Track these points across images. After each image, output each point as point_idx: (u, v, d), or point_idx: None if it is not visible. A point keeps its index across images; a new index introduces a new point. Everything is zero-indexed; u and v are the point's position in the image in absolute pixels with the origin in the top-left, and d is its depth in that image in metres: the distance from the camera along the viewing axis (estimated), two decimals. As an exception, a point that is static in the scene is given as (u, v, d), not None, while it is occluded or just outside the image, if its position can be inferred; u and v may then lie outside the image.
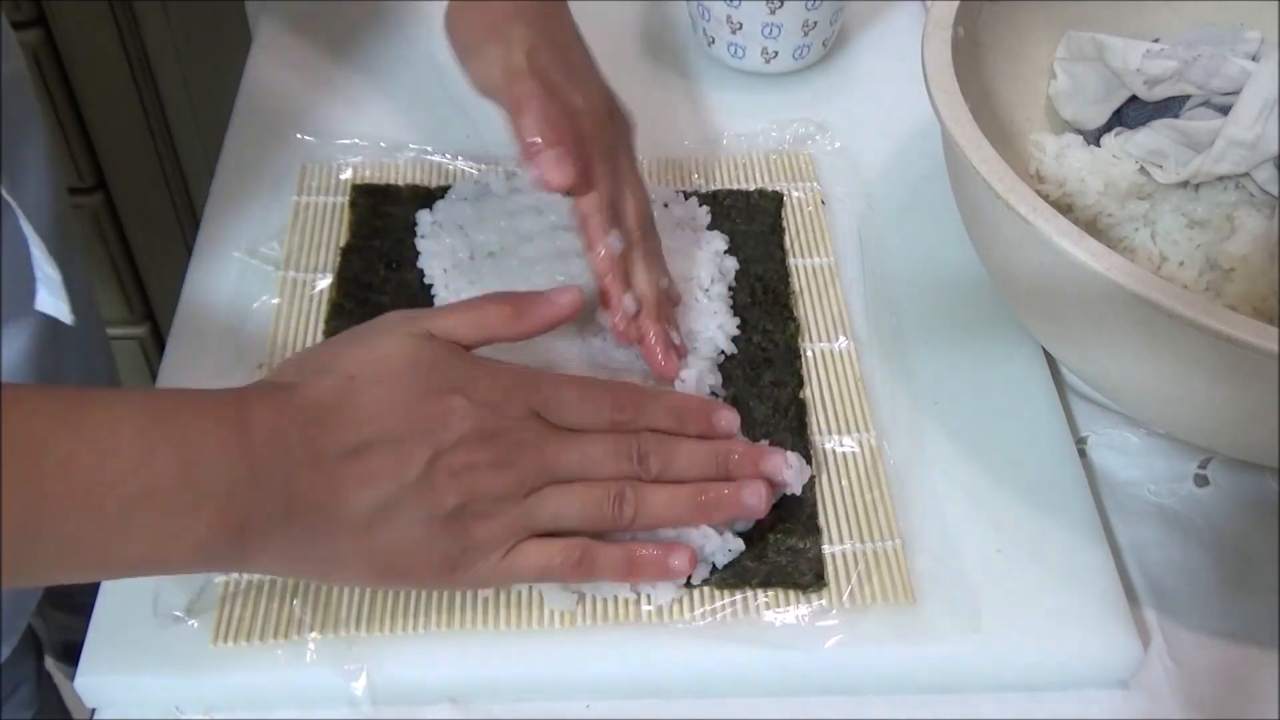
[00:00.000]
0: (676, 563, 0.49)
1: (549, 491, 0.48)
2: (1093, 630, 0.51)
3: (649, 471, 0.50)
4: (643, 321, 0.55)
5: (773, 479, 0.51)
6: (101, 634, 0.50)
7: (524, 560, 0.48)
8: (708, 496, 0.50)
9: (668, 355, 0.55)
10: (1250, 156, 0.58)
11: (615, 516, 0.49)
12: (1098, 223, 0.61)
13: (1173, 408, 0.52)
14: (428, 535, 0.46)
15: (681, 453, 0.51)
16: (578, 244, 0.62)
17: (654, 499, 0.49)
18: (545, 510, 0.48)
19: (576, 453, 0.49)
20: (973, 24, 0.59)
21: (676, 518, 0.50)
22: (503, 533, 0.47)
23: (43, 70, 1.07)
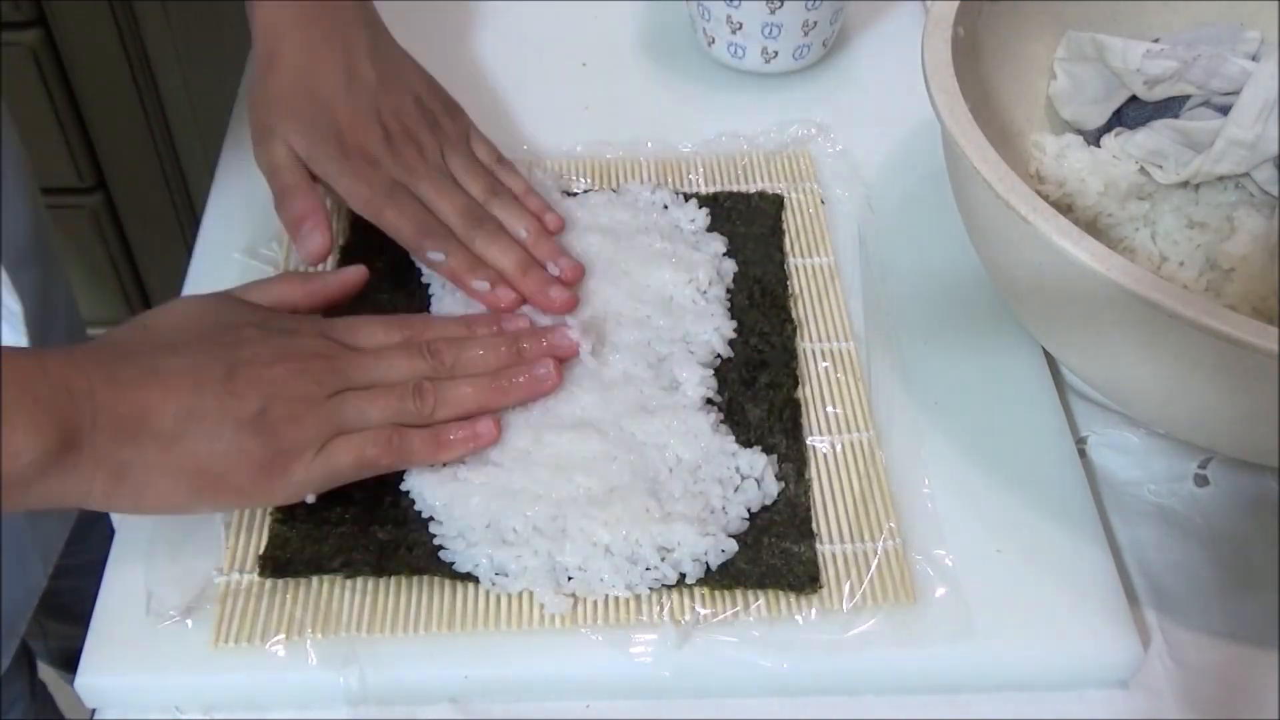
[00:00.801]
0: (482, 429, 0.53)
1: (349, 394, 0.51)
2: (1093, 630, 0.51)
3: (443, 364, 0.54)
4: (504, 290, 0.59)
5: (560, 353, 0.56)
6: (101, 635, 0.50)
7: (337, 455, 0.50)
8: (503, 376, 0.54)
9: (546, 299, 0.59)
10: (1250, 156, 0.58)
11: (418, 407, 0.52)
12: (1098, 223, 0.61)
13: (1173, 408, 0.52)
14: (235, 437, 0.48)
15: (472, 347, 0.55)
16: (571, 242, 0.63)
17: (455, 389, 0.53)
18: (349, 409, 0.51)
19: (371, 358, 0.53)
20: (973, 24, 0.59)
21: (478, 403, 0.53)
22: (311, 431, 0.50)
23: (43, 70, 1.07)
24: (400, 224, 0.59)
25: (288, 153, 0.59)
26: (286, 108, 0.60)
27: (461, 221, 0.60)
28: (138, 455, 0.46)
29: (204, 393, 0.48)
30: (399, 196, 0.60)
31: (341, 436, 0.50)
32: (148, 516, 0.53)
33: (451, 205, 0.60)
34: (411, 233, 0.59)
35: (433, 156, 0.62)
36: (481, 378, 0.54)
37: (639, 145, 0.71)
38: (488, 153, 0.64)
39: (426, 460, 0.52)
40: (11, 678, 0.73)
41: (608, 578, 0.50)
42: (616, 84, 0.77)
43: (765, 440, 0.55)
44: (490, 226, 0.61)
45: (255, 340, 0.51)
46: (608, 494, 0.52)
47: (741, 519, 0.52)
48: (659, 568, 0.50)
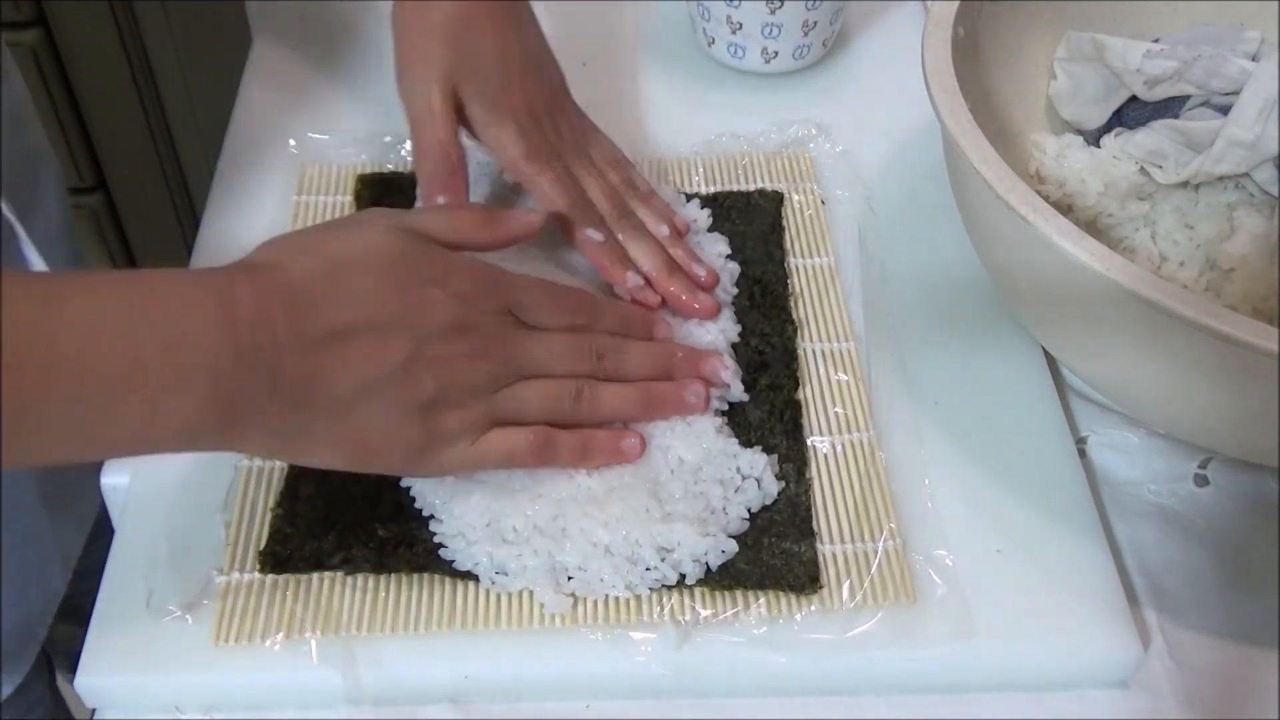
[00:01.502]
0: (627, 446, 0.53)
1: (517, 385, 0.51)
2: (1093, 630, 0.51)
3: (605, 369, 0.54)
4: (650, 290, 0.59)
5: (711, 379, 0.56)
6: (101, 634, 0.50)
7: (490, 447, 0.50)
8: (654, 393, 0.54)
9: (692, 303, 0.59)
10: (1250, 156, 0.58)
11: (574, 410, 0.52)
12: (1098, 223, 0.61)
13: (1173, 408, 0.52)
14: (403, 421, 0.48)
15: (632, 353, 0.55)
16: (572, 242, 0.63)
17: (607, 395, 0.53)
18: (511, 402, 0.51)
19: (543, 349, 0.52)
20: (973, 24, 0.59)
21: (626, 413, 0.54)
22: (472, 422, 0.50)
23: (43, 70, 1.07)
24: (557, 193, 0.58)
25: (443, 95, 0.57)
26: (451, 48, 0.58)
27: (611, 207, 0.60)
28: (307, 422, 0.46)
29: (384, 369, 0.47)
30: (556, 165, 0.59)
31: (497, 429, 0.50)
32: (148, 513, 0.53)
33: (601, 188, 0.60)
34: (568, 205, 0.58)
35: (576, 139, 0.61)
36: (634, 387, 0.54)
37: (640, 146, 0.71)
38: (612, 150, 0.64)
39: (570, 466, 0.52)
40: (31, 684, 0.73)
41: (608, 578, 0.50)
42: (616, 84, 0.77)
43: (766, 441, 0.55)
44: (634, 220, 0.61)
45: (439, 309, 0.49)
46: (608, 494, 0.52)
47: (742, 519, 0.52)
48: (659, 568, 0.50)
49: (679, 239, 0.61)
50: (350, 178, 0.68)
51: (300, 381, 0.45)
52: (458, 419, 0.49)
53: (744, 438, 0.55)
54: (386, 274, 0.48)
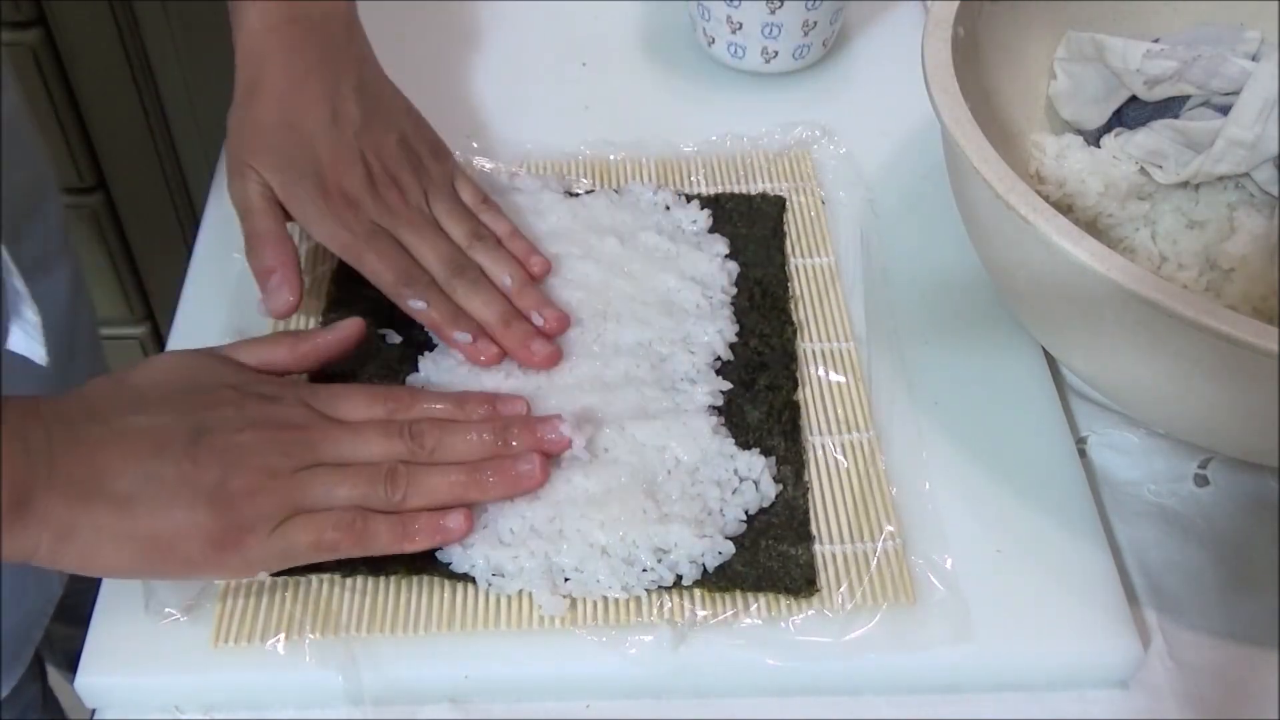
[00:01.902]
0: (451, 522, 0.50)
1: (319, 470, 0.49)
2: (1093, 630, 0.51)
3: (423, 448, 0.50)
4: (486, 342, 0.57)
5: (548, 448, 0.52)
6: (101, 634, 0.50)
7: (295, 534, 0.48)
8: (482, 470, 0.51)
9: (527, 353, 0.57)
10: (1250, 156, 0.58)
11: (388, 493, 0.49)
12: (1098, 223, 0.61)
13: (1173, 408, 0.52)
14: (190, 509, 0.46)
15: (455, 433, 0.51)
16: (573, 243, 0.63)
17: (429, 478, 0.50)
18: (315, 487, 0.48)
19: (347, 434, 0.50)
20: (973, 24, 0.59)
21: (452, 495, 0.50)
22: (270, 506, 0.47)
23: (43, 70, 1.07)
24: (380, 270, 0.57)
25: (262, 191, 0.57)
26: (265, 142, 0.58)
27: (443, 269, 0.58)
28: (88, 518, 0.45)
29: (164, 457, 0.46)
30: (380, 241, 0.58)
31: (303, 515, 0.48)
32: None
33: (434, 252, 0.58)
34: (392, 281, 0.57)
35: (415, 199, 0.60)
36: (459, 467, 0.51)
37: (641, 146, 0.71)
38: (472, 195, 0.62)
39: (390, 550, 0.49)
40: (25, 684, 0.73)
41: (604, 579, 0.50)
42: (617, 84, 0.77)
43: (764, 442, 0.55)
44: (471, 275, 0.59)
45: (228, 403, 0.48)
46: (605, 494, 0.52)
47: (739, 521, 0.52)
48: (655, 569, 0.50)
49: (528, 284, 0.59)
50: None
51: (77, 476, 0.45)
52: (253, 505, 0.47)
53: (742, 439, 0.55)
54: (174, 380, 0.49)
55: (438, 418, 0.52)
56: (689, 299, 0.60)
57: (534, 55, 0.78)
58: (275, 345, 0.54)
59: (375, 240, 0.58)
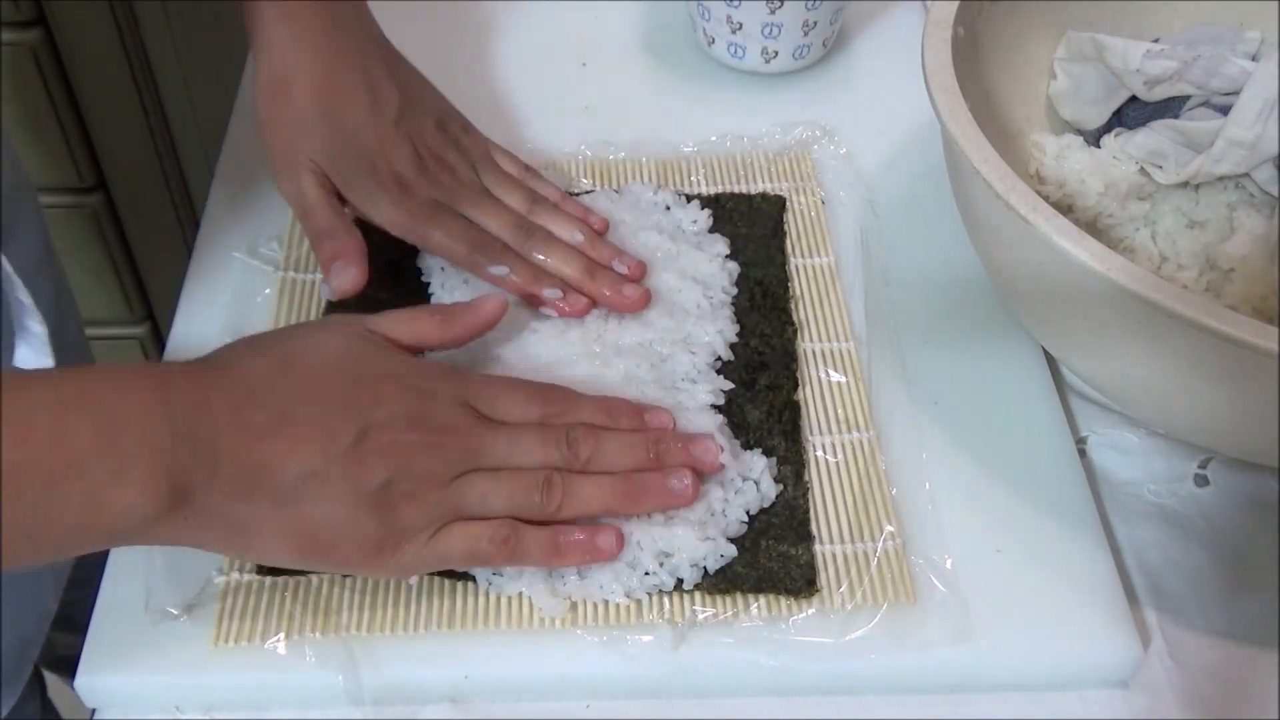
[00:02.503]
0: (603, 542, 0.50)
1: (476, 476, 0.48)
2: (1093, 630, 0.51)
3: (578, 458, 0.50)
4: (576, 296, 0.59)
5: (701, 466, 0.52)
6: (101, 634, 0.50)
7: (450, 543, 0.48)
8: (635, 483, 0.50)
9: (620, 298, 0.59)
10: (1250, 157, 0.58)
11: (543, 503, 0.49)
12: (1098, 223, 0.61)
13: (1173, 408, 0.52)
14: (353, 511, 0.46)
15: (611, 442, 0.51)
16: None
17: (582, 487, 0.50)
18: (472, 494, 0.48)
19: (505, 439, 0.50)
20: (973, 24, 0.59)
21: (605, 506, 0.50)
22: (430, 514, 0.47)
23: (43, 70, 1.07)
24: (450, 244, 0.58)
25: (318, 183, 0.58)
26: (313, 134, 0.58)
27: (514, 234, 0.59)
28: (252, 511, 0.44)
29: (331, 455, 0.45)
30: (443, 217, 0.58)
31: (459, 523, 0.48)
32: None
33: (499, 221, 0.59)
34: (466, 252, 0.58)
35: (466, 175, 0.61)
36: (613, 478, 0.50)
37: (641, 146, 0.71)
38: (514, 165, 0.64)
39: (542, 564, 0.50)
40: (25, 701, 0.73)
41: (606, 584, 0.50)
42: (617, 84, 0.77)
43: (764, 442, 0.55)
44: (542, 235, 0.60)
45: (392, 399, 0.48)
46: (607, 494, 0.52)
47: (740, 522, 0.52)
48: (657, 573, 0.50)
49: (597, 238, 0.61)
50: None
51: (243, 468, 0.44)
52: (414, 512, 0.47)
53: (742, 439, 0.55)
54: (337, 368, 0.48)
55: (591, 424, 0.52)
56: (689, 299, 0.60)
57: (534, 55, 0.78)
58: (425, 322, 0.53)
59: (438, 217, 0.58)
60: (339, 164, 0.58)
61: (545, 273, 0.59)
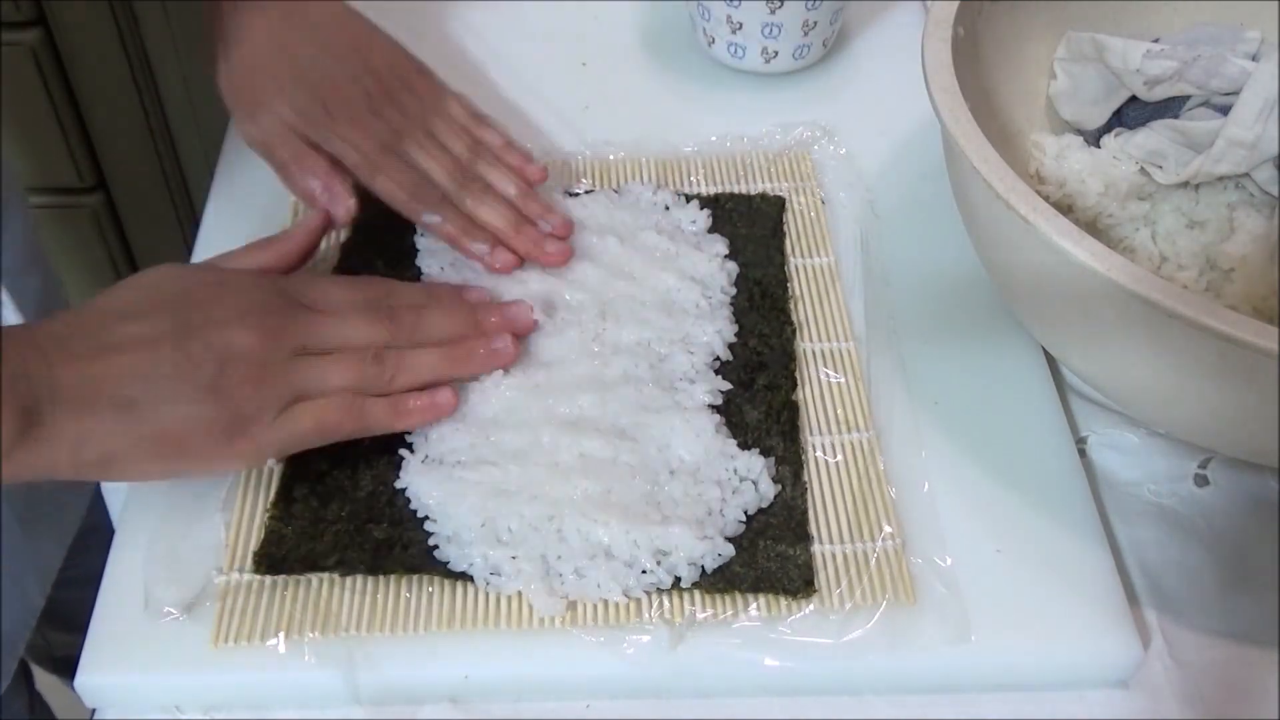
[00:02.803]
0: (442, 398, 0.53)
1: (309, 358, 0.51)
2: (1093, 630, 0.51)
3: (402, 330, 0.53)
4: (503, 251, 0.60)
5: (517, 328, 0.56)
6: (101, 634, 0.50)
7: (298, 420, 0.50)
8: (461, 348, 0.54)
9: (541, 253, 0.60)
10: (1250, 157, 0.58)
11: (376, 374, 0.52)
12: (1098, 223, 0.61)
13: (1173, 408, 0.52)
14: (193, 404, 0.48)
15: (433, 314, 0.55)
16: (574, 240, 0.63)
17: (412, 357, 0.53)
18: (310, 373, 0.51)
19: (332, 320, 0.53)
20: (973, 24, 0.59)
21: (435, 373, 0.54)
22: (268, 395, 0.50)
23: (43, 70, 1.07)
24: (393, 189, 0.60)
25: (278, 123, 0.59)
26: (266, 78, 0.60)
27: (451, 182, 0.61)
28: (97, 424, 0.47)
29: (159, 358, 0.48)
30: (388, 159, 0.60)
31: (303, 401, 0.50)
32: (147, 513, 0.53)
33: (440, 165, 0.61)
34: (406, 198, 0.60)
35: (415, 116, 0.62)
36: (439, 348, 0.54)
37: (640, 146, 0.71)
38: (462, 110, 0.65)
39: (387, 428, 0.53)
40: (11, 696, 0.73)
41: (604, 583, 0.50)
42: (617, 84, 0.77)
43: (763, 442, 0.55)
44: (478, 186, 0.61)
45: (212, 300, 0.50)
46: (605, 495, 0.52)
47: (738, 522, 0.52)
48: (654, 571, 0.50)
49: (530, 192, 0.62)
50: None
51: (78, 389, 0.46)
52: (252, 394, 0.49)
53: (741, 439, 0.55)
54: (160, 287, 0.51)
55: (412, 303, 0.55)
56: (688, 299, 0.60)
57: (534, 55, 0.78)
58: (252, 250, 0.56)
59: (385, 159, 0.60)
60: (296, 102, 0.59)
61: (476, 226, 0.60)
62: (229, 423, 0.49)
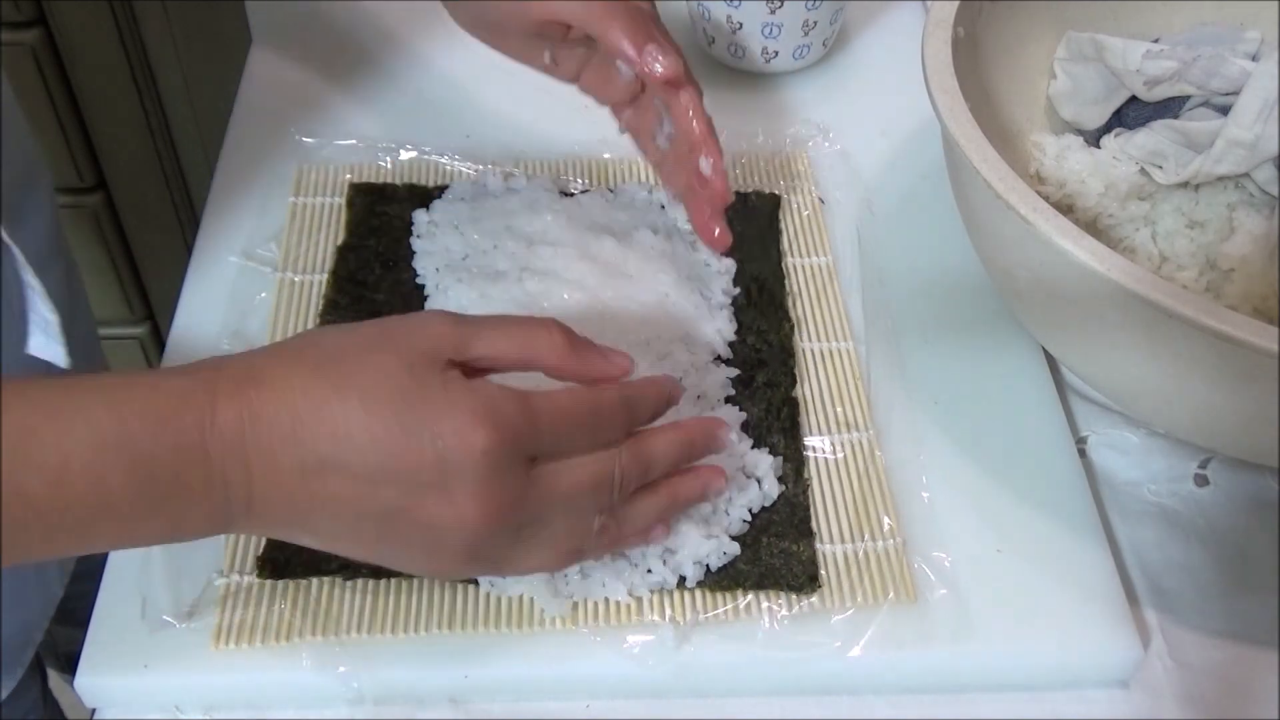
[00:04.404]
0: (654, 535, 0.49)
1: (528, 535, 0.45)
2: (1093, 630, 0.51)
3: (627, 491, 0.47)
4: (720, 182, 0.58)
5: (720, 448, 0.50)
6: (101, 634, 0.50)
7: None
8: (678, 496, 0.49)
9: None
10: (1250, 157, 0.57)
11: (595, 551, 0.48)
12: (1098, 223, 0.61)
13: (1173, 408, 0.52)
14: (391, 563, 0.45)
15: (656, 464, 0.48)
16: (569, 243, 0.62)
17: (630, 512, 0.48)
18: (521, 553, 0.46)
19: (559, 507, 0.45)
20: (973, 24, 0.59)
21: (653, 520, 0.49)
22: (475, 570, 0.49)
23: (43, 70, 1.07)
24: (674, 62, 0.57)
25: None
26: None
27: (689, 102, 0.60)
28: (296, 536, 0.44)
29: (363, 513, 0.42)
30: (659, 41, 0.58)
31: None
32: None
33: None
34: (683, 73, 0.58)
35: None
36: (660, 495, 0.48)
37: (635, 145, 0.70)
38: None
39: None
40: (26, 686, 0.73)
41: (608, 582, 0.50)
42: (616, 84, 0.77)
43: (764, 440, 0.55)
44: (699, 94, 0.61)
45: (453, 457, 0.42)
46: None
47: (742, 520, 0.52)
48: (659, 571, 0.50)
49: None
50: (345, 182, 0.68)
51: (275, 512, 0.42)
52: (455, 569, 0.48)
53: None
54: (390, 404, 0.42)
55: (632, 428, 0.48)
56: (687, 297, 0.60)
57: (534, 55, 0.78)
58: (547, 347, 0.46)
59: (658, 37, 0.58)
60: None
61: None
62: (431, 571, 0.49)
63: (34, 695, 0.78)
